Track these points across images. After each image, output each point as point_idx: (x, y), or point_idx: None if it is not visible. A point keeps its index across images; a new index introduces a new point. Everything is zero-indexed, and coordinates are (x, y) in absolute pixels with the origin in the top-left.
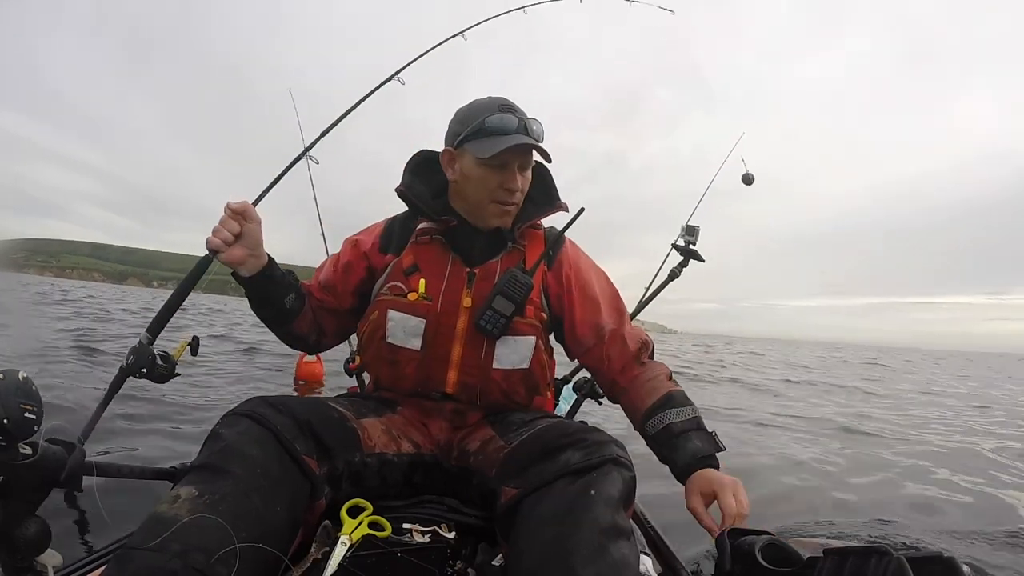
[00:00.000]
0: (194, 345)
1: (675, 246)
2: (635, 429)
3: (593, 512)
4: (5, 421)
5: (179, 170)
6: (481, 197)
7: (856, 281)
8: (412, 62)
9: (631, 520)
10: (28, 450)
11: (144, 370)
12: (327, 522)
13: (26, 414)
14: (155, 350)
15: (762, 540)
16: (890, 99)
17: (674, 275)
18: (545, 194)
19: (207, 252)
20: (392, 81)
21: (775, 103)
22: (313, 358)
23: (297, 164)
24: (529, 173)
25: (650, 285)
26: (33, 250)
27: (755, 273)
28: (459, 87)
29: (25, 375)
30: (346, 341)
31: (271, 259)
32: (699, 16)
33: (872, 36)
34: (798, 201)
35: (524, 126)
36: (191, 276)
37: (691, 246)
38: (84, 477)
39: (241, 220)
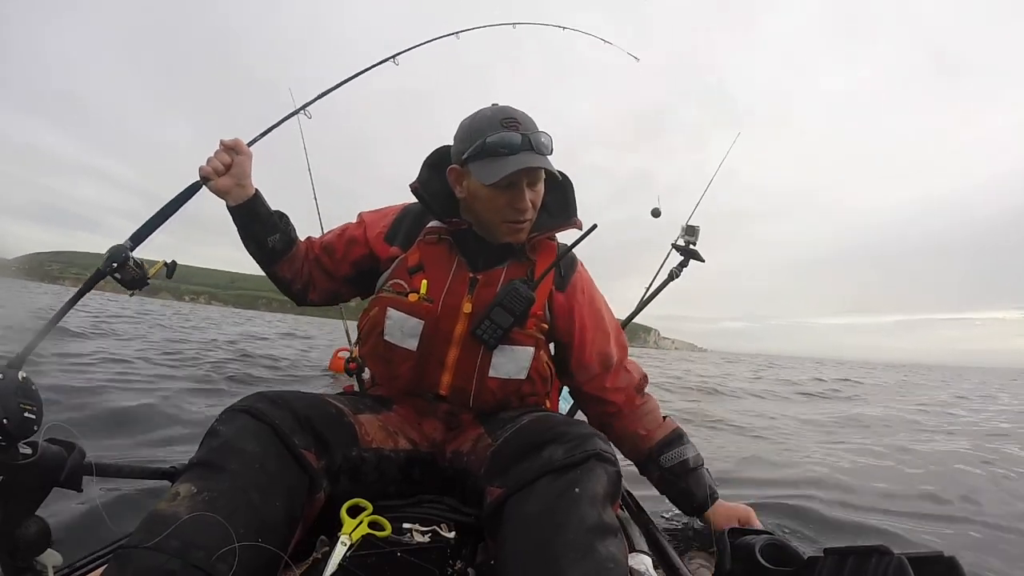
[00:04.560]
0: (170, 268)
1: (675, 246)
2: (635, 456)
3: (578, 511)
4: (5, 421)
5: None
6: (491, 217)
7: (886, 298)
8: (409, 49)
9: (628, 518)
10: (28, 450)
11: (115, 264)
12: (323, 537)
13: (26, 414)
14: (134, 255)
15: (762, 540)
16: (917, 113)
17: (673, 275)
18: (563, 206)
19: (198, 179)
20: (388, 62)
21: (800, 118)
22: (346, 353)
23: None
24: (541, 186)
25: (650, 286)
26: (68, 262)
27: (783, 291)
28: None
29: (25, 375)
30: (347, 341)
31: (258, 194)
32: (721, 34)
33: (903, 49)
34: (826, 219)
35: (529, 142)
36: (181, 196)
37: (691, 246)
38: (84, 477)
39: (233, 154)
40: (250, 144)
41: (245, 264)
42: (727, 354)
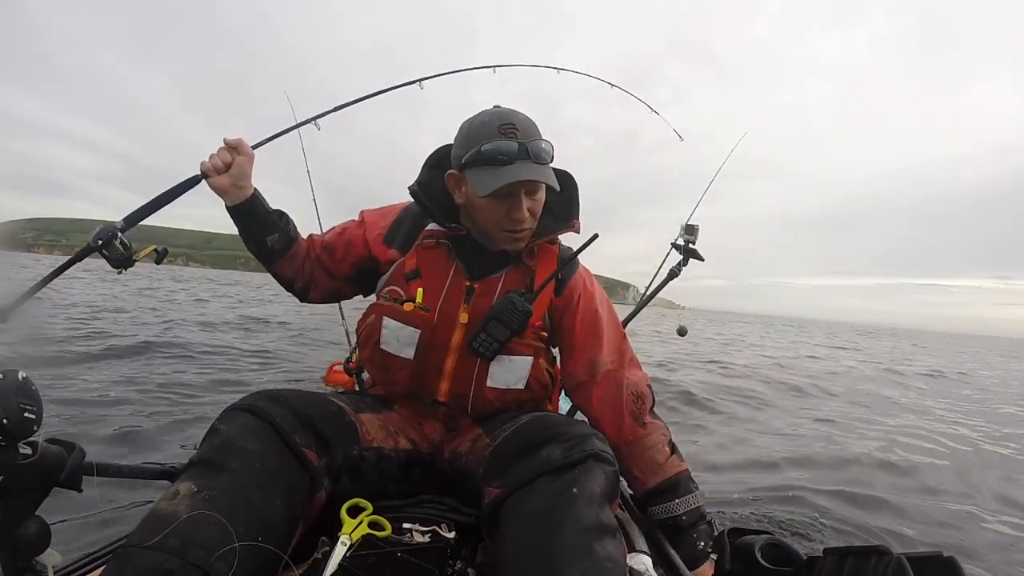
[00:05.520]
0: (160, 254)
1: (674, 245)
2: (633, 494)
3: (576, 511)
4: (5, 421)
5: (192, 145)
6: (489, 226)
7: (865, 262)
8: (437, 75)
9: (628, 517)
10: (28, 450)
11: (101, 242)
12: (324, 538)
13: (26, 414)
14: (123, 236)
15: (761, 540)
16: (906, 84)
17: (673, 274)
18: (566, 206)
19: (198, 173)
20: (413, 85)
21: (788, 83)
22: (340, 367)
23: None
24: (541, 194)
25: (650, 284)
26: (42, 229)
27: (763, 251)
28: (467, 62)
29: (25, 375)
30: (347, 341)
31: (257, 194)
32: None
33: (890, 16)
34: (809, 182)
35: (526, 151)
36: (179, 187)
37: (691, 245)
38: (84, 477)
39: (234, 153)
40: (255, 147)
41: (222, 224)
42: (707, 312)
